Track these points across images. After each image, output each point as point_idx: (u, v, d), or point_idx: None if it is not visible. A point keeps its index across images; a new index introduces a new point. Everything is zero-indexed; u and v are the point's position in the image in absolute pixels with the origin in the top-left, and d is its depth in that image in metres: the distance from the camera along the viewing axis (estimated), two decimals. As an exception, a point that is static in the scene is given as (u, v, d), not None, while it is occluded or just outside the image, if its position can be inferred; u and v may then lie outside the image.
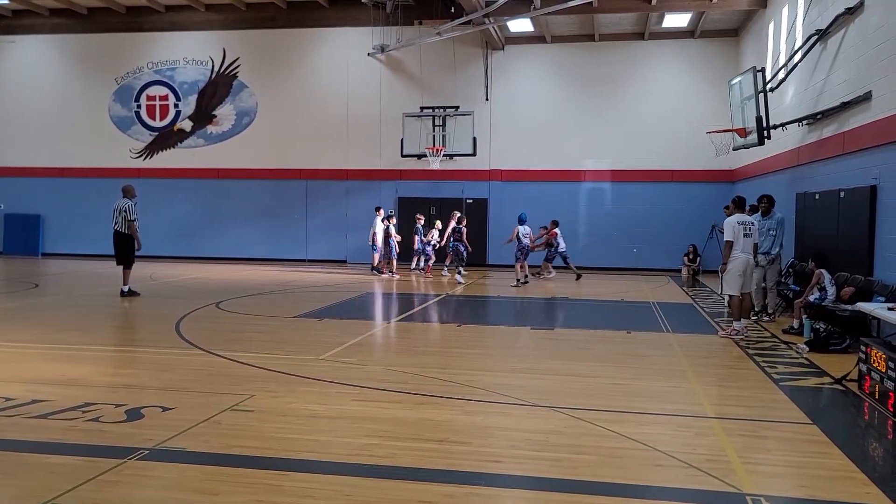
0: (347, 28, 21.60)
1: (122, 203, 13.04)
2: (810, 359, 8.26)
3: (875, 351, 6.38)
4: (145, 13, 22.49)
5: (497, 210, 21.28)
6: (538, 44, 21.11)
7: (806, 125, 12.97)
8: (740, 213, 9.92)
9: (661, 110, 20.41)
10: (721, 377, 7.51)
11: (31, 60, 23.62)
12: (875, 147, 9.80)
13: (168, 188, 22.66)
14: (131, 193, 13.30)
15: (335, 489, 4.21)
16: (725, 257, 9.69)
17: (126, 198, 13.15)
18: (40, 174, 23.45)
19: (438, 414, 5.85)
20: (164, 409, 5.78)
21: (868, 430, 5.95)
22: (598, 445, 5.06)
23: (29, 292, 14.05)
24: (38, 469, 4.47)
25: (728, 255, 9.65)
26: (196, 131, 22.91)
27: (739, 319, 9.67)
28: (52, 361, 7.59)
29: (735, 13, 18.71)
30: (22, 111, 23.58)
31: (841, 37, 11.30)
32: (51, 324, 10.01)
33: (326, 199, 22.19)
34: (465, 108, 20.73)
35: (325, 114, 21.93)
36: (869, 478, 4.51)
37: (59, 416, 5.53)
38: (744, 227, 9.72)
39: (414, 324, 10.80)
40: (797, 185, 13.44)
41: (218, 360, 7.80)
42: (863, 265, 9.76)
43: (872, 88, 9.97)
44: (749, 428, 5.58)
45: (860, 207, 10.01)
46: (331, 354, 8.14)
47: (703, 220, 19.71)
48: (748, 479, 4.44)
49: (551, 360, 8.46)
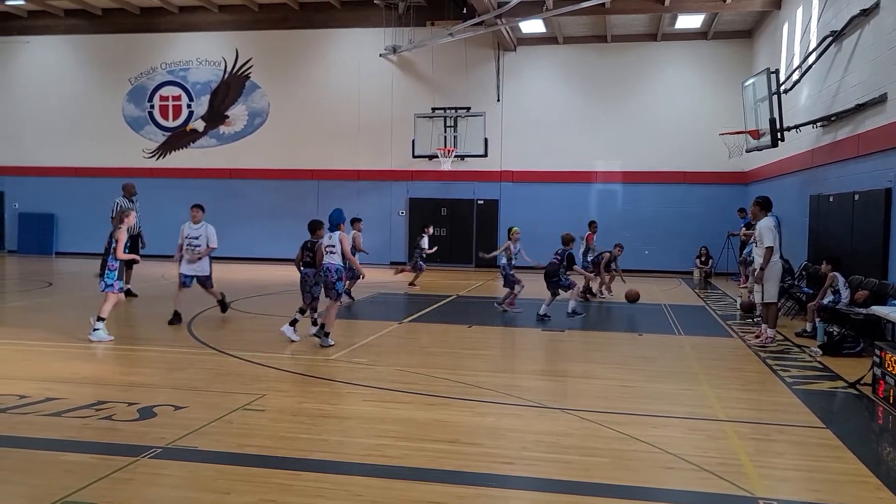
0: (359, 29, 21.65)
1: (116, 201, 13.00)
2: (823, 362, 8.19)
3: (890, 355, 6.32)
4: (159, 14, 22.64)
5: (508, 211, 21.25)
6: (550, 45, 21.07)
7: (820, 127, 12.88)
8: (768, 216, 9.37)
9: (673, 112, 20.32)
10: (733, 380, 7.46)
11: (46, 61, 23.83)
12: (890, 149, 9.72)
13: (180, 188, 22.73)
14: (128, 192, 13.22)
15: (346, 489, 4.22)
16: (766, 263, 9.00)
17: (124, 196, 13.11)
18: (54, 174, 23.65)
19: (449, 415, 5.85)
20: (177, 407, 5.82)
21: (882, 435, 5.90)
22: (609, 448, 5.04)
23: (43, 291, 14.17)
24: (52, 466, 4.51)
25: (769, 261, 9.09)
26: (209, 131, 23.04)
27: (774, 326, 9.31)
28: (66, 360, 7.66)
29: (749, 14, 18.60)
30: (36, 111, 23.78)
31: (856, 38, 11.21)
32: (64, 322, 10.09)
33: (337, 200, 22.17)
34: (476, 109, 20.73)
35: (337, 114, 21.99)
36: (882, 482, 4.48)
37: (72, 414, 5.57)
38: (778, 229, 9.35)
39: (424, 324, 10.80)
40: (811, 187, 13.35)
41: (230, 359, 7.83)
42: (877, 268, 9.67)
43: (888, 90, 9.88)
44: (761, 431, 5.54)
45: (875, 210, 9.93)
46: (342, 355, 8.16)
47: (715, 222, 19.60)
48: (760, 483, 4.41)
49: (562, 362, 8.45)
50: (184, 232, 10.27)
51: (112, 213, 13.07)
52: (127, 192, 13.24)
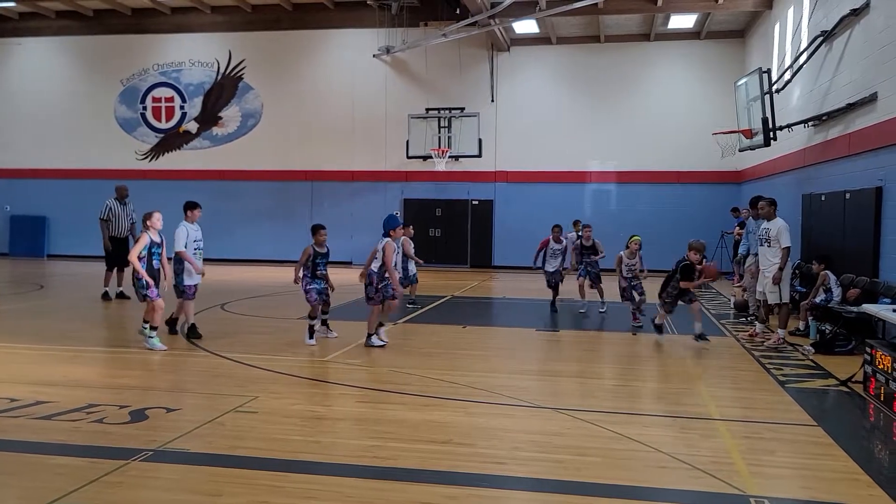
0: (353, 30, 21.62)
1: (107, 203, 12.98)
2: (816, 360, 8.22)
3: (880, 353, 6.35)
4: (151, 15, 22.56)
5: (503, 212, 21.27)
6: (544, 45, 21.09)
7: (812, 126, 12.92)
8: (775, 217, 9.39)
9: (666, 111, 20.36)
10: (726, 379, 7.48)
11: (37, 63, 23.73)
12: (881, 148, 9.76)
13: (173, 190, 22.55)
14: (120, 194, 13.12)
15: (338, 491, 4.21)
16: (783, 263, 8.98)
17: (116, 199, 13.03)
18: (46, 176, 23.54)
19: (442, 416, 5.85)
20: (169, 410, 5.80)
21: (873, 432, 5.92)
22: (602, 447, 5.05)
23: (34, 294, 14.11)
24: (42, 470, 4.48)
25: (786, 261, 9.01)
26: (202, 133, 22.97)
27: (785, 326, 9.28)
28: (57, 363, 7.62)
29: (741, 14, 18.65)
30: (28, 113, 23.67)
31: (846, 38, 11.25)
32: (55, 325, 10.05)
33: (331, 201, 22.22)
34: (470, 109, 20.74)
35: (331, 115, 21.96)
36: (873, 480, 4.49)
37: (62, 418, 5.54)
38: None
39: (419, 325, 10.80)
40: (803, 186, 13.39)
41: (222, 361, 7.81)
42: (868, 266, 9.71)
43: (878, 90, 9.92)
44: (754, 430, 5.55)
45: (866, 209, 9.97)
46: (335, 356, 8.15)
47: (709, 221, 19.62)
48: (752, 481, 4.42)
49: (556, 362, 8.46)
50: (189, 235, 9.12)
51: (101, 215, 13.05)
52: (119, 195, 13.19)
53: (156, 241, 8.57)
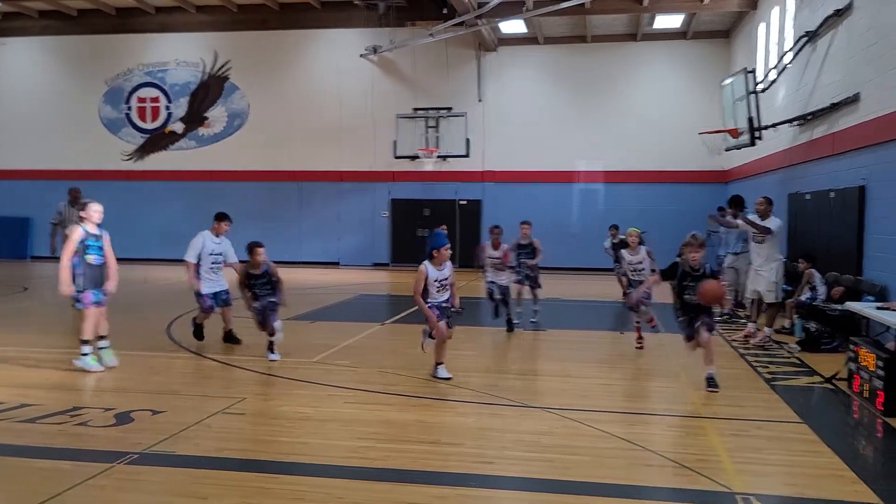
0: (340, 29, 21.56)
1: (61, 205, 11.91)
2: (802, 358, 8.28)
3: (864, 350, 6.41)
4: (135, 14, 22.36)
5: (491, 211, 21.27)
6: (531, 45, 21.12)
7: (797, 126, 13.02)
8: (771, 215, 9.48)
9: (653, 111, 20.45)
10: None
11: (21, 63, 23.47)
12: (863, 148, 9.84)
13: (160, 191, 22.56)
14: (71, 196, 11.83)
15: (326, 492, 4.20)
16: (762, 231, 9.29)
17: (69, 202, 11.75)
18: (30, 177, 23.26)
19: (431, 416, 5.85)
20: (155, 412, 5.75)
21: (857, 429, 5.98)
22: (590, 446, 5.06)
23: (18, 296, 13.96)
24: (26, 473, 4.44)
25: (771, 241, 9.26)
26: (188, 133, 22.80)
27: (772, 325, 9.36)
28: (41, 365, 7.54)
29: (726, 14, 18.78)
30: (11, 113, 23.40)
31: (830, 38, 11.35)
32: (40, 327, 9.95)
33: (319, 201, 22.15)
34: (458, 109, 20.74)
35: (318, 115, 21.87)
36: (858, 476, 4.53)
37: (47, 421, 5.49)
38: None
39: (406, 326, 10.77)
40: (789, 185, 13.49)
41: (209, 362, 7.76)
42: (852, 265, 9.80)
43: (861, 90, 10.01)
44: (740, 427, 5.59)
45: (849, 208, 10.06)
46: (323, 357, 8.12)
47: (696, 221, 19.65)
48: (738, 479, 4.45)
49: (543, 361, 8.47)
50: (206, 246, 8.42)
51: (51, 219, 12.21)
52: (72, 197, 11.86)
53: (92, 234, 7.42)
